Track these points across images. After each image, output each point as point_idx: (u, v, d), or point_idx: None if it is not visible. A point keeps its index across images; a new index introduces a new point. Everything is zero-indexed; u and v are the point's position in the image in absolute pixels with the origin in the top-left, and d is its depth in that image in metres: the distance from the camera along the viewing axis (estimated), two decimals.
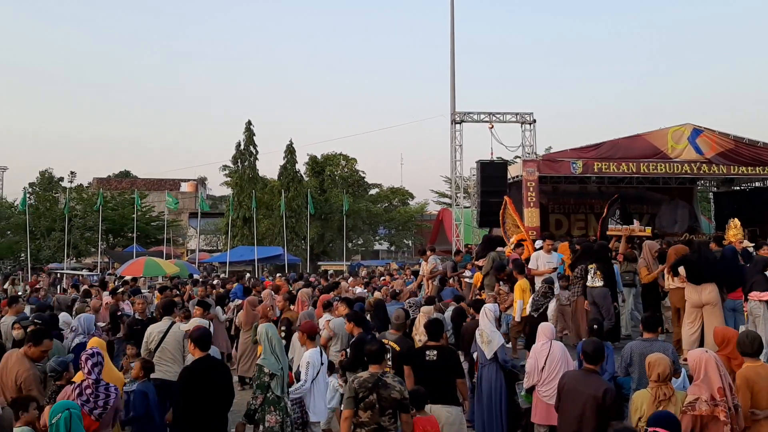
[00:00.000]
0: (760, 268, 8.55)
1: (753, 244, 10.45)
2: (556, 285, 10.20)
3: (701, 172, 19.06)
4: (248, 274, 25.77)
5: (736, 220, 12.96)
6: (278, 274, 26.66)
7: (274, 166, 67.20)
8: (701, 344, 7.95)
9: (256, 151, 40.25)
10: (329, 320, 8.89)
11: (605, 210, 14.50)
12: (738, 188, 23.73)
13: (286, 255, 33.70)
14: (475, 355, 7.61)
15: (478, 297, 10.70)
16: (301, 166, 42.12)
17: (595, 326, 7.23)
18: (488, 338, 7.22)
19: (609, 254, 10.36)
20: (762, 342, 5.30)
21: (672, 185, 22.57)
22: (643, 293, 10.81)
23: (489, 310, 7.50)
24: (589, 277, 9.56)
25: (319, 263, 39.76)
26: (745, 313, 8.38)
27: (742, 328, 8.32)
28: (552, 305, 9.90)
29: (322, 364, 7.10)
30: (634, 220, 11.91)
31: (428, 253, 13.60)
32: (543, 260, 10.74)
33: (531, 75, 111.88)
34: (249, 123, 40.16)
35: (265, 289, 12.99)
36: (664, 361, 4.94)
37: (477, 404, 7.32)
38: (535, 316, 9.60)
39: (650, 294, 10.53)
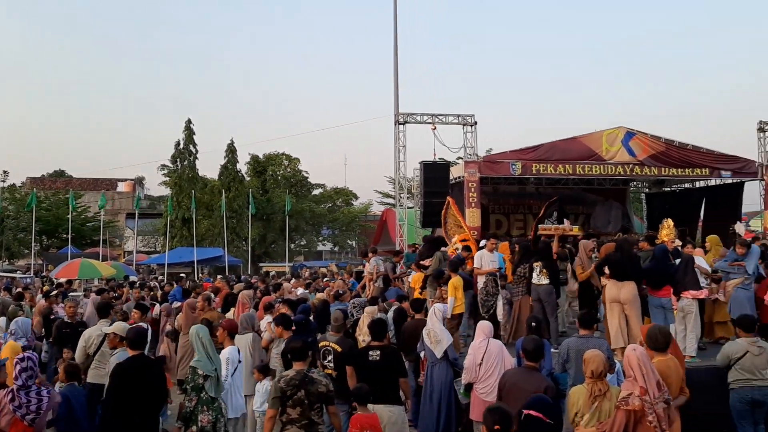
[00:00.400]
0: (691, 266, 8.89)
1: (681, 243, 10.85)
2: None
3: (634, 173, 19.70)
4: (185, 275, 25.29)
5: (669, 220, 13.38)
6: (218, 276, 26.24)
7: (215, 166, 66.29)
8: (628, 340, 8.17)
9: (196, 151, 39.48)
10: (271, 322, 8.81)
11: (542, 210, 14.83)
12: (668, 189, 24.68)
13: (227, 256, 33.22)
14: (422, 354, 7.67)
15: (419, 297, 10.79)
16: (242, 166, 41.65)
17: (533, 324, 7.39)
18: (437, 338, 7.27)
19: (552, 252, 10.63)
20: (671, 335, 5.60)
21: (606, 186, 23.33)
22: (579, 291, 11.09)
23: (438, 309, 7.55)
24: (534, 275, 9.74)
25: (261, 265, 39.33)
26: (674, 311, 8.69)
27: (672, 326, 8.68)
28: (500, 304, 10.12)
29: (239, 361, 7.20)
30: (565, 220, 12.18)
31: (370, 254, 13.62)
32: (487, 259, 10.83)
33: (473, 77, 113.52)
34: (189, 122, 39.40)
35: (204, 291, 12.76)
36: (599, 357, 5.08)
37: (425, 403, 7.35)
38: (486, 316, 9.75)
39: (586, 292, 10.81)
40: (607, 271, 8.76)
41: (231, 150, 39.59)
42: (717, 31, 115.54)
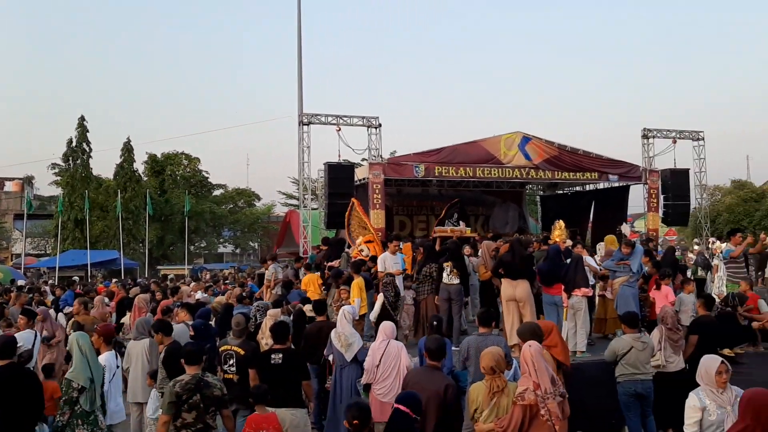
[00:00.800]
0: (581, 265, 9.36)
1: (572, 243, 11.40)
2: (401, 284, 10.53)
3: (530, 176, 20.48)
4: (78, 279, 24.11)
5: (561, 221, 14.04)
6: (113, 280, 25.14)
7: (110, 165, 63.42)
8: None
9: (90, 149, 38.11)
10: None
11: (443, 212, 15.22)
12: (561, 192, 25.88)
13: (123, 259, 32.00)
14: (330, 358, 7.64)
15: (323, 298, 10.79)
16: (139, 165, 40.17)
17: (435, 323, 7.55)
18: (348, 341, 7.26)
19: (462, 253, 10.94)
20: (541, 330, 5.97)
21: (504, 189, 24.19)
22: (481, 290, 11.44)
23: (347, 312, 7.54)
24: (445, 275, 9.94)
25: (159, 267, 38.05)
26: (566, 308, 9.11)
27: (564, 322, 9.11)
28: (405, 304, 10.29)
29: (117, 367, 7.14)
30: (461, 222, 12.55)
31: (268, 261, 13.50)
32: (390, 261, 10.86)
33: (378, 80, 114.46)
34: (82, 118, 37.93)
35: (98, 296, 12.21)
36: (497, 354, 5.23)
37: (333, 406, 7.33)
38: (396, 317, 9.84)
39: (487, 291, 11.14)
40: (501, 271, 9.10)
41: (127, 149, 38.26)
42: (604, 42, 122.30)
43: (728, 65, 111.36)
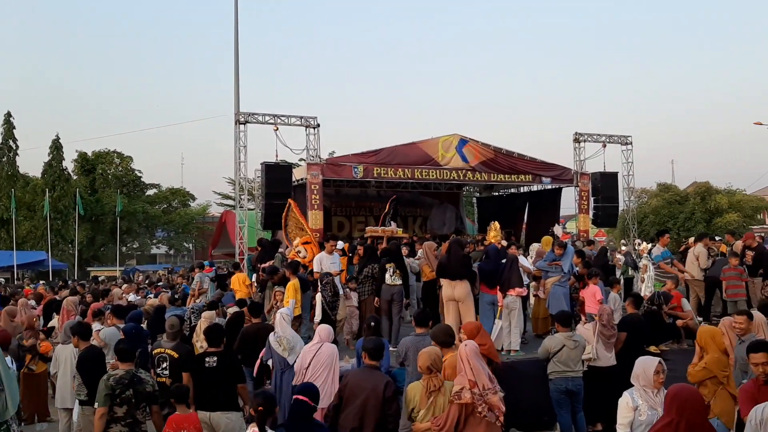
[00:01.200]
0: (516, 265, 9.56)
1: (506, 244, 11.63)
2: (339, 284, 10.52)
3: (466, 178, 20.79)
4: (3, 281, 23.08)
5: (496, 222, 14.29)
6: (41, 282, 24.21)
7: (38, 163, 60.90)
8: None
9: (17, 146, 37.09)
10: (99, 330, 8.29)
11: (387, 207, 15.26)
12: (497, 194, 26.37)
13: (51, 260, 30.96)
14: (270, 362, 7.54)
15: (258, 299, 10.69)
16: (68, 164, 38.95)
17: (372, 323, 7.57)
18: (290, 344, 7.17)
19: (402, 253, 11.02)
20: (454, 332, 6.24)
21: (442, 190, 24.49)
22: (424, 290, 11.51)
23: (285, 314, 7.45)
24: (387, 275, 9.97)
25: (89, 269, 36.92)
26: (500, 307, 9.29)
27: (497, 322, 9.29)
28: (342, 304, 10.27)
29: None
30: (391, 223, 12.59)
31: (195, 269, 13.32)
32: (326, 261, 10.77)
33: (316, 80, 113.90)
34: (8, 114, 36.77)
35: (22, 299, 11.75)
36: (433, 353, 5.29)
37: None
38: (334, 317, 9.81)
39: (430, 291, 11.20)
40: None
41: (56, 146, 37.08)
42: (539, 48, 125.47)
43: (654, 73, 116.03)
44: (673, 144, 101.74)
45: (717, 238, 14.42)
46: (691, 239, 13.96)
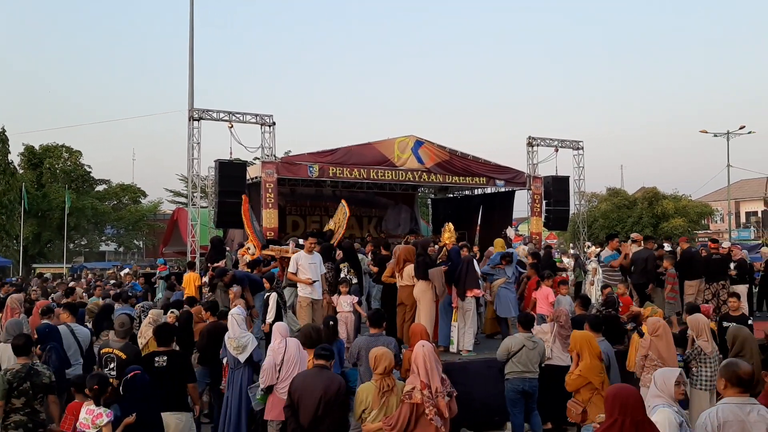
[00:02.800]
0: (472, 267, 9.66)
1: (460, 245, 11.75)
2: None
3: (422, 180, 20.85)
4: None
5: (450, 224, 14.41)
6: None
7: None
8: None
9: None
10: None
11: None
12: (452, 195, 26.59)
13: None
14: (224, 361, 7.47)
15: (209, 299, 10.56)
16: (14, 157, 37.61)
17: (331, 323, 7.57)
18: (243, 344, 7.12)
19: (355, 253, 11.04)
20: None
21: (397, 191, 24.58)
22: (383, 292, 11.49)
23: (237, 314, 7.37)
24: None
25: (35, 266, 35.78)
26: (455, 308, 9.37)
27: (454, 323, 9.38)
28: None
29: None
30: (290, 241, 12.38)
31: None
32: (305, 261, 9.43)
33: (272, 78, 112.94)
34: None
35: None
36: (386, 354, 5.31)
37: (226, 408, 7.18)
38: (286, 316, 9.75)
39: (388, 292, 11.17)
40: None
41: (1, 139, 35.72)
42: (495, 53, 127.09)
43: (606, 81, 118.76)
44: (622, 149, 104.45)
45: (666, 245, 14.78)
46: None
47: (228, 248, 13.14)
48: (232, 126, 18.12)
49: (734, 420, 3.65)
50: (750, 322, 9.29)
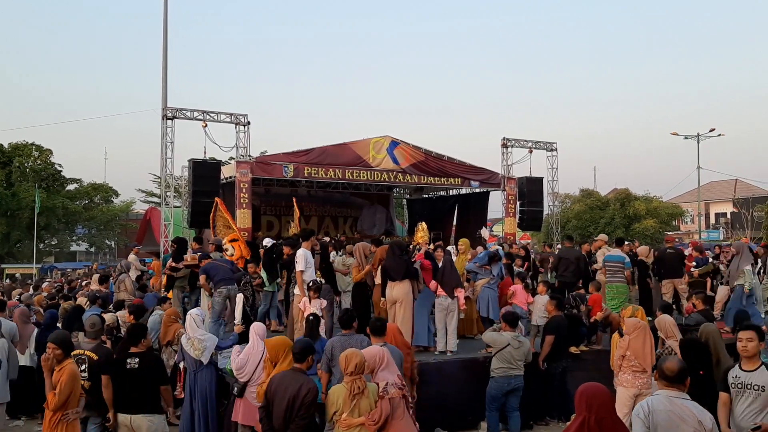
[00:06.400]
0: (454, 266, 9.69)
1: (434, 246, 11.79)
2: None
3: (397, 180, 20.93)
4: None
5: (423, 223, 14.53)
6: None
7: None
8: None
9: None
10: None
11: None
12: (427, 196, 26.71)
13: None
14: (181, 365, 7.39)
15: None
16: None
17: (311, 317, 7.54)
18: (203, 345, 7.05)
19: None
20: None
21: (372, 191, 24.61)
22: (354, 291, 11.48)
23: (195, 315, 7.30)
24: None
25: (4, 266, 35.14)
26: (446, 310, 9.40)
27: (439, 325, 9.43)
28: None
29: None
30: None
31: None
32: (311, 259, 9.40)
33: (247, 77, 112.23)
34: None
35: None
36: (357, 355, 5.31)
37: (189, 412, 7.08)
38: (253, 317, 9.73)
39: (360, 292, 11.16)
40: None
41: None
42: (471, 54, 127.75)
43: (580, 83, 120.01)
44: (595, 151, 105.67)
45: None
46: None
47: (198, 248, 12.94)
48: (206, 125, 18.00)
49: (662, 409, 4.01)
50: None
